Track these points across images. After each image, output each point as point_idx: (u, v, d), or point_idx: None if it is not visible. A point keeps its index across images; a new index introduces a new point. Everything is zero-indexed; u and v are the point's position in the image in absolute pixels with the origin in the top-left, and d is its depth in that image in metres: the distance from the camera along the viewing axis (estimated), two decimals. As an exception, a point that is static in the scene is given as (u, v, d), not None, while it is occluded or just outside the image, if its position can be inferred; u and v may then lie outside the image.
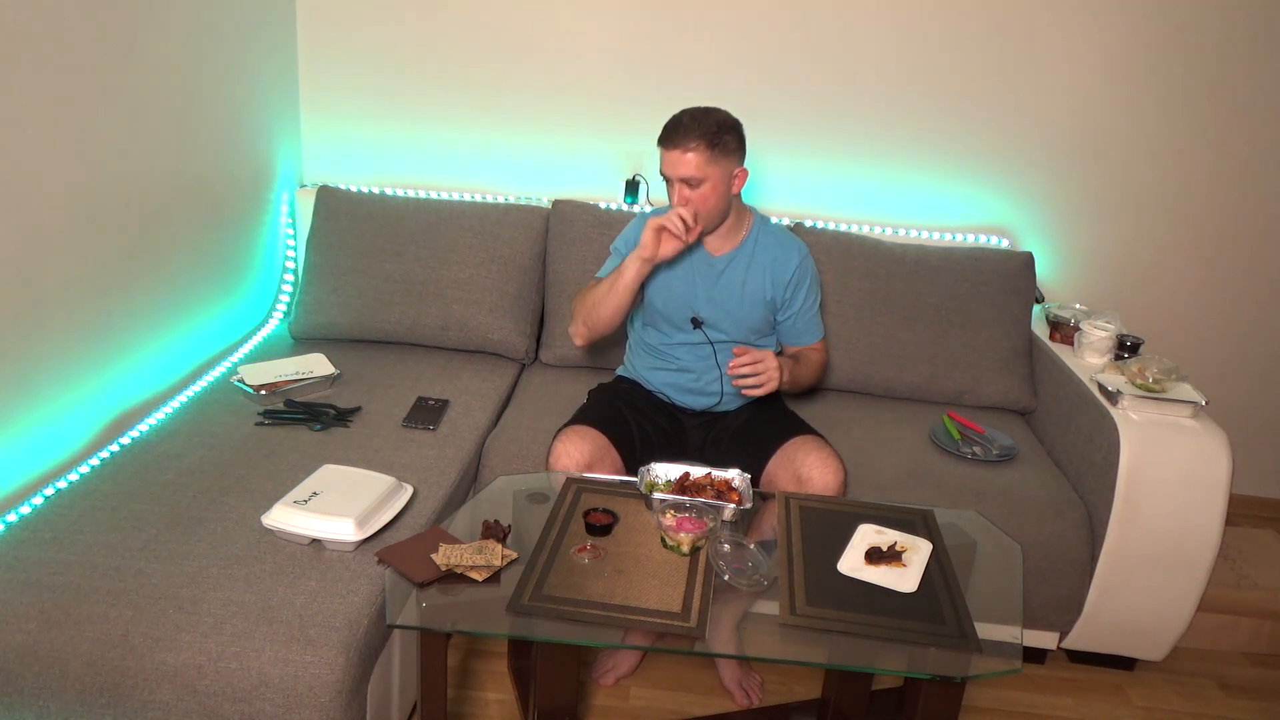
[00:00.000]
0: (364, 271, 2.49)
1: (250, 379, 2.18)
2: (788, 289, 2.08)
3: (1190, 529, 1.98)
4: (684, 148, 1.87)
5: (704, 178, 1.89)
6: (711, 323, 2.06)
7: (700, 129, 1.87)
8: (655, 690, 2.03)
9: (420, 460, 1.96)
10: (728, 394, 2.10)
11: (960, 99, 2.69)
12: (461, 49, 2.73)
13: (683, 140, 1.87)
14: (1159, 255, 2.81)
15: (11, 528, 1.63)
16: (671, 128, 1.91)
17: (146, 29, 2.04)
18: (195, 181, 2.29)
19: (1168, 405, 2.05)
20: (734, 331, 2.07)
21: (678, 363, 2.10)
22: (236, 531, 1.65)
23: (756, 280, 2.06)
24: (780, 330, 2.15)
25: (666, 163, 1.92)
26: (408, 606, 1.44)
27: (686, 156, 1.87)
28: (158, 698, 1.42)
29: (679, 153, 1.88)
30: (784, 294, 2.08)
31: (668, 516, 1.58)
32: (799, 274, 2.08)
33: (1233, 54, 2.60)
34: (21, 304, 1.75)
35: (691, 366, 2.10)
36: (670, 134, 1.90)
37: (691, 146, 1.87)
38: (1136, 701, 2.15)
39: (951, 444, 2.22)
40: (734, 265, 2.05)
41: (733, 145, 1.91)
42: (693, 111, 1.91)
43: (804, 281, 2.10)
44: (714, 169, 1.89)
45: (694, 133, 1.87)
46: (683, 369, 2.10)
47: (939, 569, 1.55)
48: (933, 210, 2.80)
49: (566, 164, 2.82)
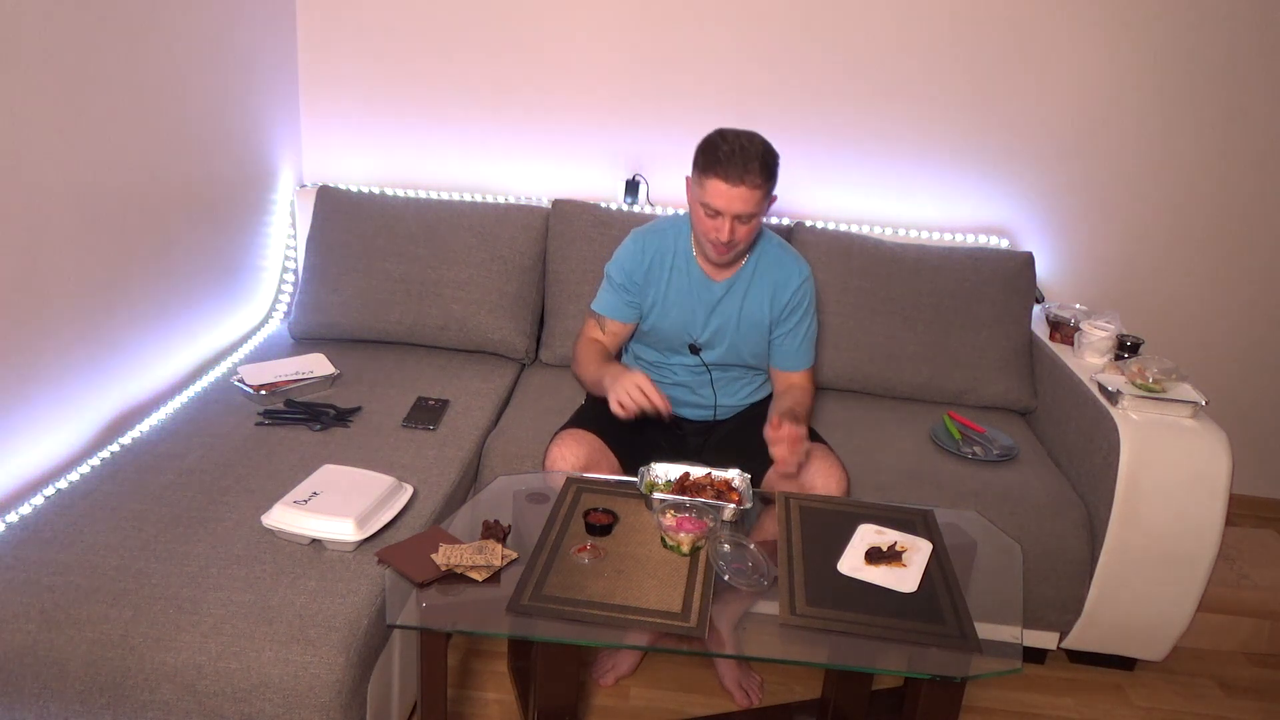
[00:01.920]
0: (364, 271, 2.49)
1: (250, 379, 2.18)
2: (785, 309, 2.02)
3: (1190, 529, 1.98)
4: (748, 184, 1.75)
5: (756, 213, 1.81)
6: (709, 347, 2.03)
7: (759, 162, 1.75)
8: (655, 690, 2.03)
9: (420, 460, 1.96)
10: (723, 407, 2.09)
11: (961, 99, 2.69)
12: (462, 49, 2.73)
13: (745, 175, 1.75)
14: (1159, 255, 2.81)
15: (11, 528, 1.63)
16: (729, 158, 1.75)
17: (147, 29, 2.04)
18: (195, 181, 2.29)
19: (1168, 405, 2.05)
20: (731, 356, 2.05)
21: (674, 378, 2.09)
22: (236, 531, 1.65)
23: (755, 303, 2.00)
24: (770, 349, 2.07)
25: (717, 195, 1.78)
26: (408, 606, 1.44)
27: (748, 193, 1.76)
28: (158, 698, 1.42)
29: (743, 189, 1.75)
30: (781, 314, 2.02)
31: (668, 516, 1.58)
32: (798, 296, 2.02)
33: (1233, 54, 2.60)
34: (22, 304, 1.75)
35: (687, 382, 2.08)
36: (728, 165, 1.75)
37: (756, 183, 1.75)
38: (1136, 701, 2.15)
39: (952, 444, 2.22)
40: (733, 291, 2.00)
41: (777, 173, 1.83)
42: (742, 138, 1.77)
43: (802, 304, 2.03)
44: (765, 202, 1.82)
45: (754, 165, 1.74)
46: (679, 384, 2.09)
47: (939, 569, 1.55)
48: (933, 210, 2.80)
49: (566, 164, 2.82)
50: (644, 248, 2.01)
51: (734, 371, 2.09)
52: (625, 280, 2.01)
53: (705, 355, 2.03)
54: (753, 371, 2.12)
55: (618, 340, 2.09)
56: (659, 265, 2.00)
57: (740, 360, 2.06)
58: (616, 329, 2.07)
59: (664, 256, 2.00)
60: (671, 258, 2.00)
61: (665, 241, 2.01)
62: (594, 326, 2.09)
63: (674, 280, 2.00)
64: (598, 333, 2.08)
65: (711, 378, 2.05)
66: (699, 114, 2.74)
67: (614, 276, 2.03)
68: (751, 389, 2.13)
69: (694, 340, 2.02)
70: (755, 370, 2.12)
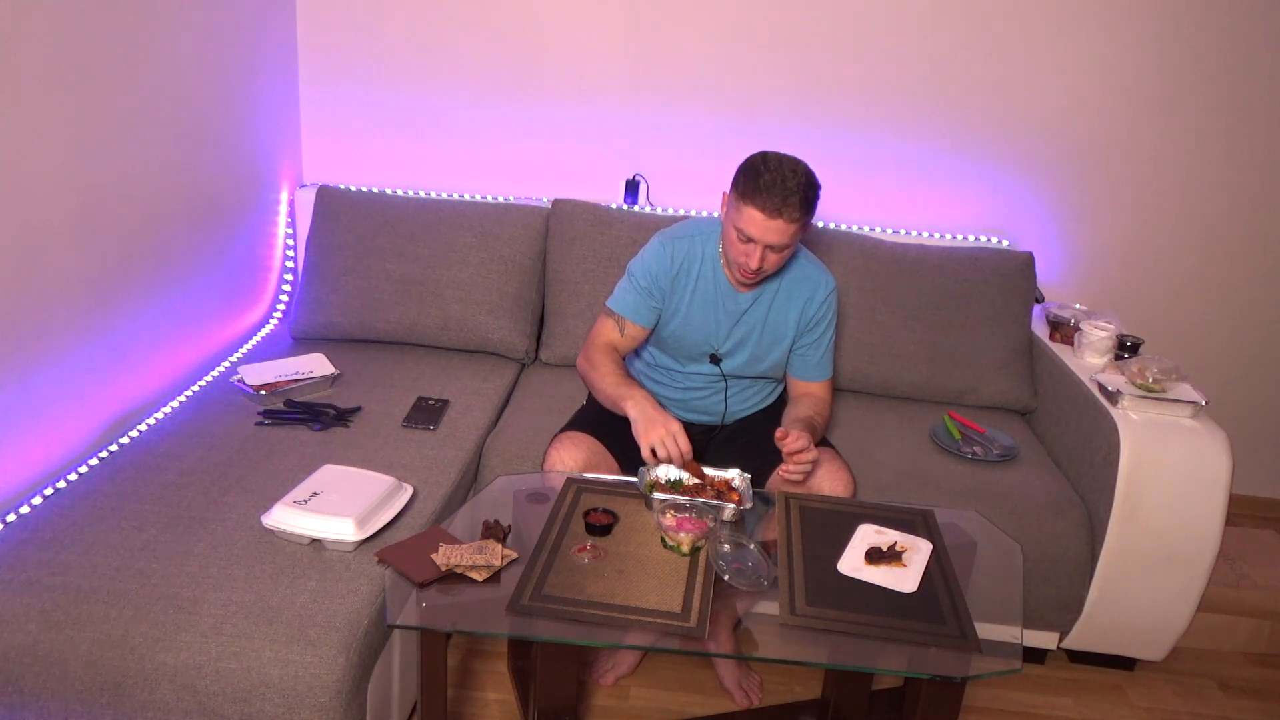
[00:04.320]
0: (364, 271, 2.49)
1: (250, 379, 2.18)
2: (811, 321, 1.97)
3: (1190, 529, 1.98)
4: (785, 217, 1.70)
5: (790, 244, 1.76)
6: (729, 357, 1.99)
7: (799, 196, 1.70)
8: (655, 690, 2.03)
9: (420, 460, 1.96)
10: (731, 412, 2.07)
11: (961, 99, 2.69)
12: (461, 49, 2.73)
13: (783, 208, 1.69)
14: (1159, 255, 2.81)
15: (11, 528, 1.63)
16: (769, 188, 1.69)
17: (147, 29, 2.04)
18: (195, 181, 2.29)
19: (1168, 405, 2.05)
20: (750, 368, 2.01)
21: (685, 383, 2.05)
22: (236, 531, 1.65)
23: (780, 316, 1.96)
24: (790, 360, 2.03)
25: (752, 223, 1.72)
26: (408, 606, 1.44)
27: (785, 225, 1.71)
28: (158, 698, 1.42)
29: (780, 222, 1.71)
30: (807, 326, 1.98)
31: (668, 516, 1.58)
32: (824, 308, 1.97)
33: (1234, 54, 2.60)
34: (21, 304, 1.75)
35: (699, 388, 2.04)
36: (767, 195, 1.69)
37: (794, 216, 1.71)
38: (1136, 701, 2.15)
39: (952, 444, 2.22)
40: (759, 302, 1.94)
41: (817, 205, 1.78)
42: (785, 167, 1.72)
43: (827, 315, 1.99)
44: (800, 233, 1.77)
45: (794, 200, 1.69)
46: (689, 389, 2.05)
47: (939, 569, 1.55)
48: (933, 210, 2.80)
49: (566, 164, 2.82)
50: (673, 253, 1.93)
51: (749, 381, 2.06)
52: (650, 284, 1.93)
53: (724, 365, 1.99)
54: (766, 380, 2.08)
55: (635, 344, 2.02)
56: (685, 273, 1.94)
57: (758, 372, 2.02)
58: (636, 333, 1.98)
59: (691, 264, 1.93)
60: (699, 265, 1.93)
61: (694, 248, 1.94)
62: (611, 328, 1.98)
63: (699, 289, 1.94)
64: (615, 335, 1.97)
65: (726, 386, 2.02)
66: (700, 114, 2.74)
67: (639, 278, 1.95)
68: (762, 397, 2.11)
69: (715, 350, 1.98)
70: (770, 380, 2.09)
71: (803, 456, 1.74)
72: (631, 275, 1.96)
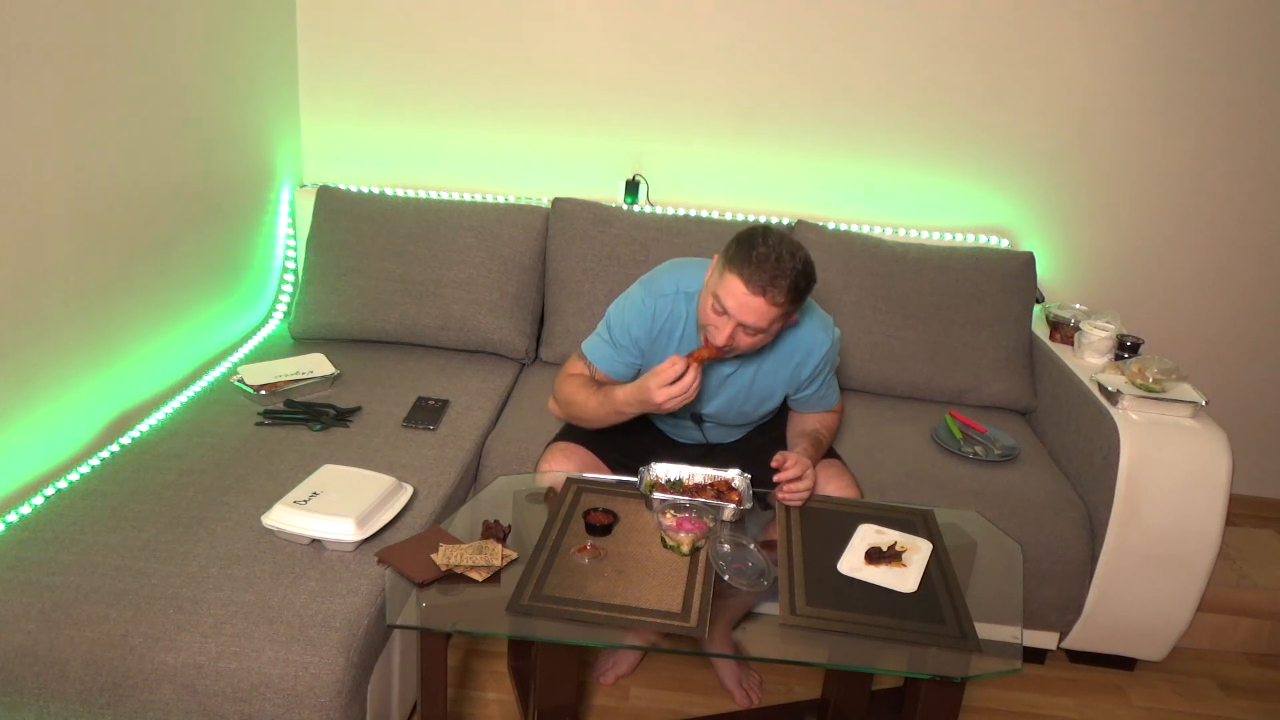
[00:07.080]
0: (364, 271, 2.49)
1: (250, 379, 2.18)
2: (809, 378, 1.86)
3: (1190, 529, 1.98)
4: (768, 298, 1.56)
5: (765, 330, 1.62)
6: (713, 418, 1.92)
7: (789, 281, 1.56)
8: (655, 690, 2.03)
9: (420, 460, 1.96)
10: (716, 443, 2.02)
11: (962, 99, 2.69)
12: (461, 49, 2.73)
13: (769, 288, 1.55)
14: (1159, 255, 2.81)
15: (11, 528, 1.63)
16: (760, 262, 1.55)
17: (147, 29, 2.04)
18: (195, 181, 2.29)
19: (1168, 405, 2.05)
20: (737, 420, 1.93)
21: (665, 422, 1.99)
22: (236, 531, 1.65)
23: (769, 376, 1.84)
24: (794, 403, 1.94)
25: (731, 294, 1.57)
26: (408, 606, 1.44)
27: (765, 307, 1.57)
28: (158, 698, 1.42)
29: (761, 302, 1.56)
30: (803, 382, 1.87)
31: (668, 516, 1.58)
32: (819, 367, 1.85)
33: (1234, 54, 2.60)
34: (21, 304, 1.75)
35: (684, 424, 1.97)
36: (756, 269, 1.55)
37: (777, 300, 1.56)
38: (1136, 701, 2.15)
39: (953, 443, 2.22)
40: (745, 368, 1.83)
41: (807, 299, 1.66)
42: (784, 248, 1.56)
43: (824, 371, 1.87)
44: (779, 323, 1.63)
45: (782, 283, 1.55)
46: (676, 424, 1.99)
47: (939, 569, 1.55)
48: (933, 210, 2.80)
49: (566, 164, 2.82)
50: (654, 312, 1.80)
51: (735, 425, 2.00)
52: (630, 344, 1.82)
53: (707, 424, 1.92)
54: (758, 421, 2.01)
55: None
56: (667, 335, 1.81)
57: (746, 421, 1.95)
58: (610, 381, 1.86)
59: (674, 325, 1.81)
60: (682, 326, 1.80)
61: (678, 308, 1.80)
62: (583, 370, 1.88)
63: (682, 351, 1.74)
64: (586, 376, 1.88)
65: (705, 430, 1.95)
66: (700, 114, 2.74)
67: (617, 334, 1.82)
68: (754, 430, 2.03)
69: (698, 410, 1.88)
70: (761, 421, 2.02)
71: (796, 486, 1.68)
72: (609, 328, 1.84)
